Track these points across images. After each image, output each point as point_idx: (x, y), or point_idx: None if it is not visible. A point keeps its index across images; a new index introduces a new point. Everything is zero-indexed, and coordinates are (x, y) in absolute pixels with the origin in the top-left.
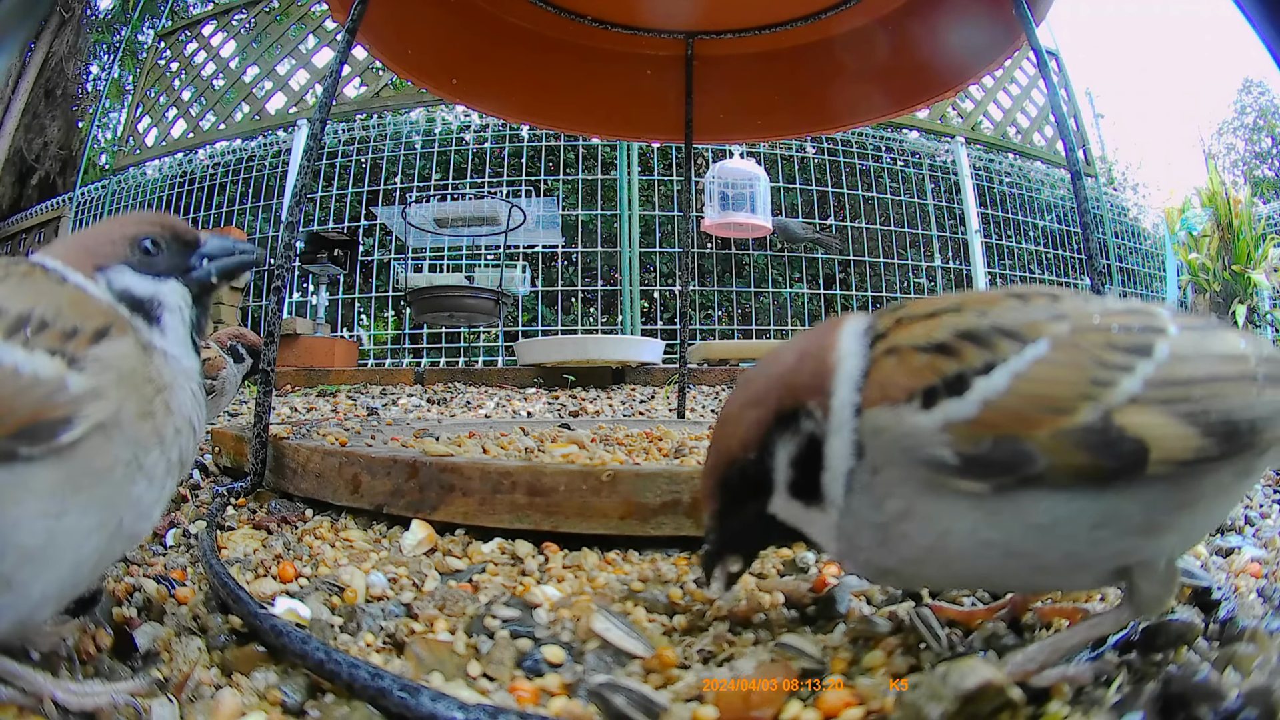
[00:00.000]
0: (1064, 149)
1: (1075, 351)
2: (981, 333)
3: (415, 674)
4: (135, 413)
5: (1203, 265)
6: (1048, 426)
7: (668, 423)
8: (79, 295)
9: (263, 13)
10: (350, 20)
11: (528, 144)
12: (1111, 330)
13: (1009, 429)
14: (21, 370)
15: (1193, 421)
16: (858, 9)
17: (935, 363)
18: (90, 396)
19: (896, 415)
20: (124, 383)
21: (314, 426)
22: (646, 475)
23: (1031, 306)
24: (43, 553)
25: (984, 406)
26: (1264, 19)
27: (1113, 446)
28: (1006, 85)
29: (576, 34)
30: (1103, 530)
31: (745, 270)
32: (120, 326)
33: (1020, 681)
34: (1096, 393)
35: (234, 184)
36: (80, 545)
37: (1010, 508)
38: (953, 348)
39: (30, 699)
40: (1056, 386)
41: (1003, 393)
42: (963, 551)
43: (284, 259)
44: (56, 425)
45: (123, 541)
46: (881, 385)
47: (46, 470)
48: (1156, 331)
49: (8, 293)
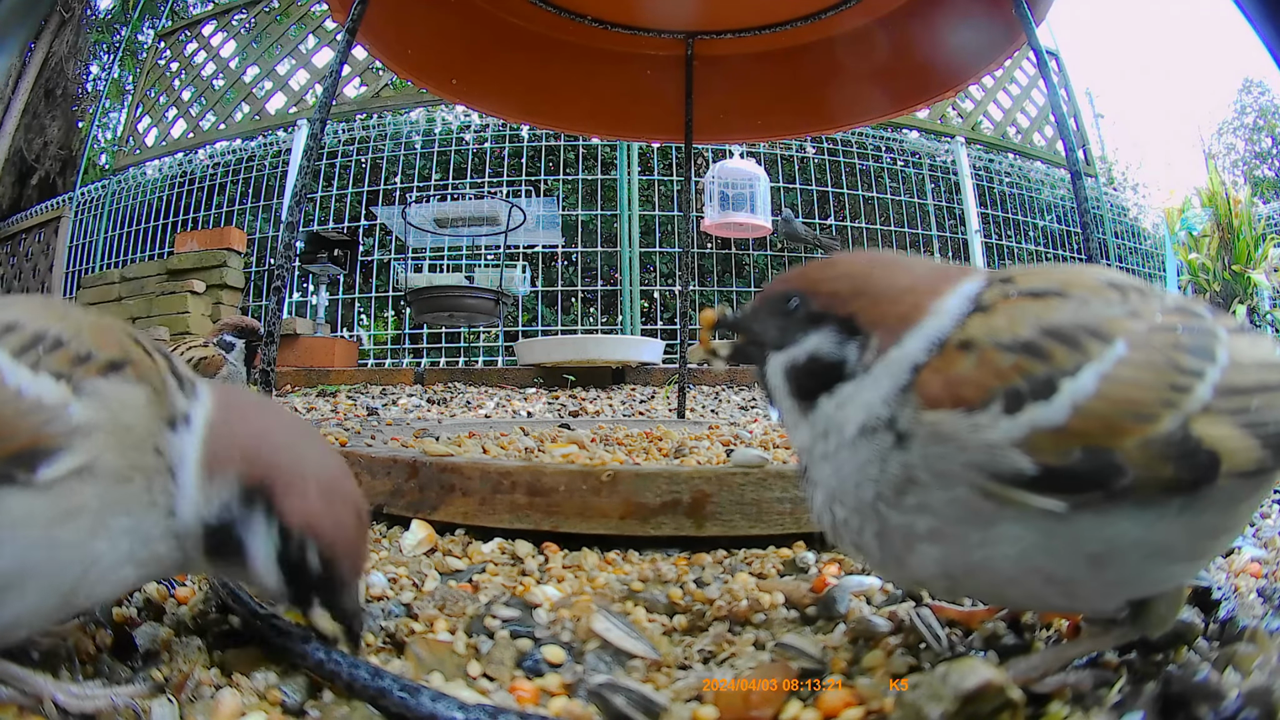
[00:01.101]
0: (1064, 149)
1: (1152, 353)
2: (1068, 331)
3: (415, 674)
4: (114, 467)
5: (1203, 265)
6: (1135, 435)
7: (668, 423)
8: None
9: (263, 13)
10: (350, 20)
11: (528, 144)
12: (1177, 331)
13: (1098, 437)
14: (25, 393)
15: (1254, 432)
16: (858, 9)
17: (1022, 363)
18: (84, 429)
19: (970, 421)
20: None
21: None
22: (646, 475)
23: (1128, 300)
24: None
25: (1074, 412)
26: (1264, 19)
27: (1191, 458)
28: (1006, 85)
29: (576, 34)
30: (1155, 558)
31: (745, 270)
32: (138, 371)
33: (1022, 685)
34: (1176, 399)
35: (234, 184)
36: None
37: (1070, 529)
38: (1040, 347)
39: (30, 700)
40: (1141, 391)
41: (1092, 396)
42: (994, 571)
43: (284, 259)
44: (51, 453)
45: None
46: (953, 384)
47: (35, 497)
48: (1213, 335)
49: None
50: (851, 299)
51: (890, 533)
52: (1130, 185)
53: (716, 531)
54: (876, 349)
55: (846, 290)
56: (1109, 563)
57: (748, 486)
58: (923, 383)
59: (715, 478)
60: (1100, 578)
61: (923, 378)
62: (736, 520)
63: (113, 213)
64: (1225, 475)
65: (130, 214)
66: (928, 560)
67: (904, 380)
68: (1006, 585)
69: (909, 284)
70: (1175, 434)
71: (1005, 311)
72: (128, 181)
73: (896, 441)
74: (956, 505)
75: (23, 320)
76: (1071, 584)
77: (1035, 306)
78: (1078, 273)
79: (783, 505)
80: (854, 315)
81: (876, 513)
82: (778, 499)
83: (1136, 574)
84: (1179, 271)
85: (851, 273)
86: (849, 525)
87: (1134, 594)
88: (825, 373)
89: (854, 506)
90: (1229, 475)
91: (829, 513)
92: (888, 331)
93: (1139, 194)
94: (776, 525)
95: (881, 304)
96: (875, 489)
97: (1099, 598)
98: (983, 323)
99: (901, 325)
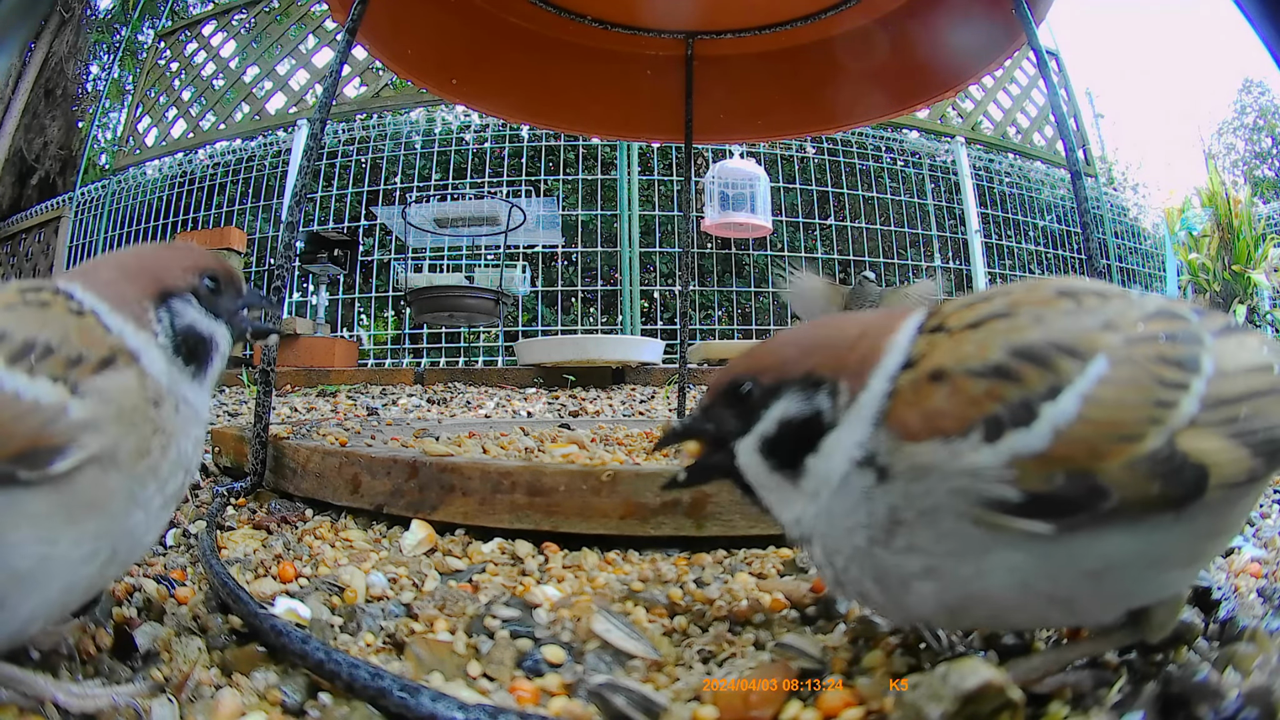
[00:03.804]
0: (1064, 149)
1: (1134, 369)
2: (1039, 351)
3: (415, 674)
4: (133, 449)
5: (1203, 265)
6: (1120, 456)
7: (668, 423)
8: (89, 324)
9: (263, 13)
10: (350, 20)
11: (528, 144)
12: (1159, 341)
13: (1081, 461)
14: (23, 396)
15: (1244, 441)
16: (858, 9)
17: (996, 388)
18: (88, 426)
19: (950, 450)
20: (123, 418)
21: (314, 426)
22: (646, 475)
23: (1084, 311)
24: (33, 577)
25: (1055, 437)
26: (1264, 19)
27: (1178, 474)
28: (1006, 85)
29: (576, 34)
30: (1153, 567)
31: (745, 270)
32: (126, 359)
33: (1022, 685)
34: (1161, 415)
35: (234, 184)
36: (72, 572)
37: (1065, 550)
38: (1012, 370)
39: (31, 701)
40: (1124, 411)
41: (1074, 420)
42: (993, 600)
43: (284, 259)
44: (54, 452)
45: (116, 568)
46: (930, 416)
47: (43, 497)
48: (1198, 342)
49: (18, 320)
50: (804, 358)
51: (886, 575)
52: (1130, 185)
53: (716, 531)
54: (848, 391)
55: (795, 354)
56: (1107, 577)
57: None
58: (898, 416)
59: None
60: (1099, 592)
61: (897, 411)
62: (736, 520)
63: (113, 213)
64: (1215, 488)
65: (130, 214)
66: (925, 597)
67: (878, 418)
68: (1008, 612)
69: (859, 330)
70: (1161, 451)
71: (971, 337)
72: (128, 181)
73: (879, 479)
74: (946, 538)
75: (10, 329)
76: (1071, 601)
77: (1001, 326)
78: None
79: None
80: (812, 370)
81: (871, 556)
82: None
83: (1135, 585)
84: (1179, 271)
85: (795, 339)
86: (849, 574)
87: (1134, 604)
88: (803, 431)
89: (850, 554)
90: (1219, 487)
91: (830, 566)
92: (853, 375)
93: (1139, 194)
94: (776, 525)
95: (838, 351)
96: (868, 533)
97: (1100, 611)
98: (950, 350)
99: (864, 367)
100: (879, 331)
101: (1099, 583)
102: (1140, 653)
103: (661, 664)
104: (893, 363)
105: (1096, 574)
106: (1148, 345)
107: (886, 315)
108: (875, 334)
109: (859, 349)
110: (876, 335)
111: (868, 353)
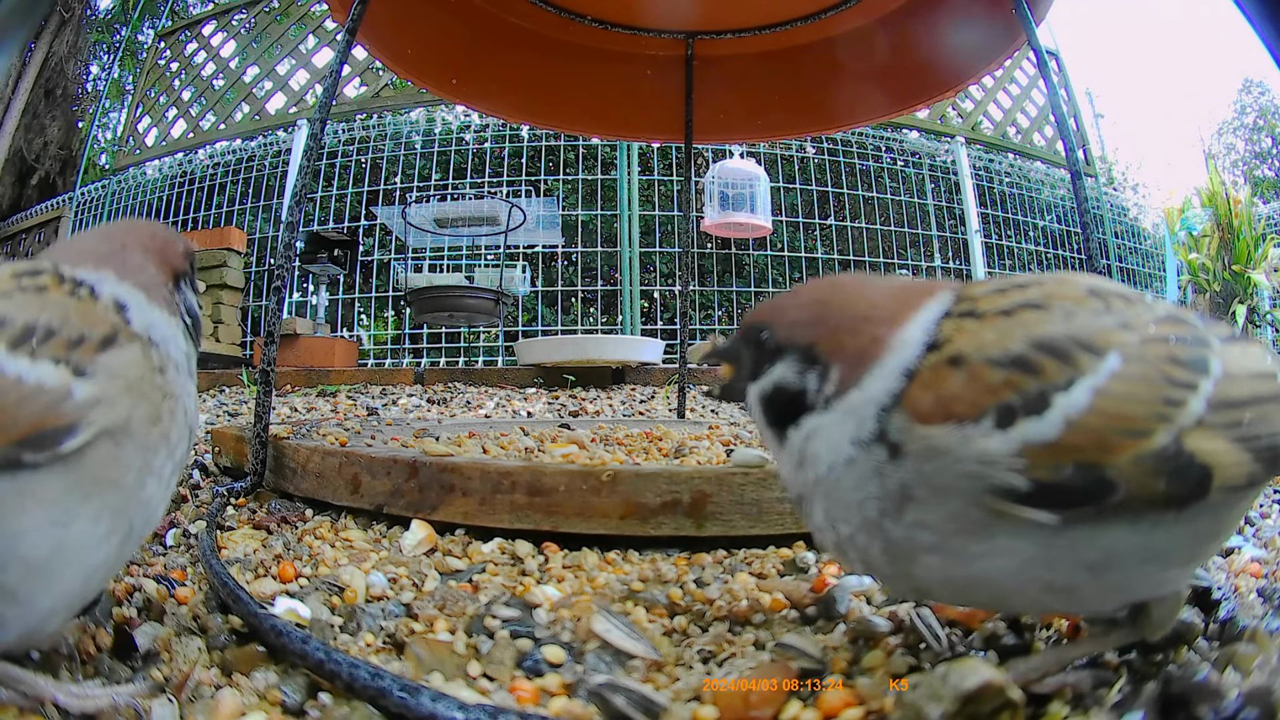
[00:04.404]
0: (1064, 149)
1: (1146, 366)
2: (1061, 345)
3: (415, 674)
4: (146, 418)
5: (1203, 265)
6: (1128, 451)
7: (668, 423)
8: (87, 304)
9: (263, 13)
10: (350, 20)
11: (528, 144)
12: (1170, 342)
13: (1090, 454)
14: (25, 379)
15: (1247, 446)
16: (858, 9)
17: (1014, 378)
18: (97, 403)
19: (962, 435)
20: (133, 390)
21: (314, 426)
22: (646, 475)
23: (1110, 311)
24: (49, 564)
25: (1066, 427)
26: (1264, 19)
27: (1185, 473)
28: (1006, 85)
29: (576, 34)
30: (1152, 563)
31: (745, 270)
32: (127, 334)
33: (1022, 685)
34: (1170, 414)
35: (234, 184)
36: (91, 554)
37: (1067, 540)
38: (1033, 362)
39: (31, 701)
40: (1134, 406)
41: (1085, 411)
42: (995, 581)
43: (284, 259)
44: (61, 433)
45: (133, 545)
46: (945, 400)
47: (53, 478)
48: (1206, 345)
49: (16, 305)
50: (814, 326)
51: (895, 545)
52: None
53: (716, 531)
54: (837, 381)
55: (808, 319)
56: (1106, 569)
57: (748, 486)
58: (914, 398)
59: (715, 478)
60: (1098, 583)
61: (914, 393)
62: (736, 520)
63: (113, 213)
64: (1218, 489)
65: (130, 214)
66: (932, 570)
67: (891, 399)
68: (1008, 594)
69: (880, 307)
70: (1169, 449)
71: (998, 324)
72: (128, 181)
73: (892, 456)
74: (954, 519)
75: (10, 314)
76: (1070, 590)
77: (1033, 318)
78: (1058, 283)
79: (783, 505)
80: (814, 344)
81: (881, 528)
82: (778, 499)
83: (1134, 578)
84: (1179, 271)
85: (818, 298)
86: (855, 542)
87: (1132, 597)
88: (790, 401)
89: (859, 524)
90: (1221, 489)
91: (832, 530)
92: (850, 364)
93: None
94: (777, 525)
95: (845, 332)
96: (879, 505)
97: (1098, 601)
98: (974, 336)
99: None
100: (898, 312)
101: (1098, 575)
102: (1140, 653)
103: (661, 664)
104: (911, 347)
105: (1097, 566)
106: (1159, 345)
107: (916, 290)
108: (892, 316)
109: (868, 333)
110: (893, 318)
111: (875, 339)
